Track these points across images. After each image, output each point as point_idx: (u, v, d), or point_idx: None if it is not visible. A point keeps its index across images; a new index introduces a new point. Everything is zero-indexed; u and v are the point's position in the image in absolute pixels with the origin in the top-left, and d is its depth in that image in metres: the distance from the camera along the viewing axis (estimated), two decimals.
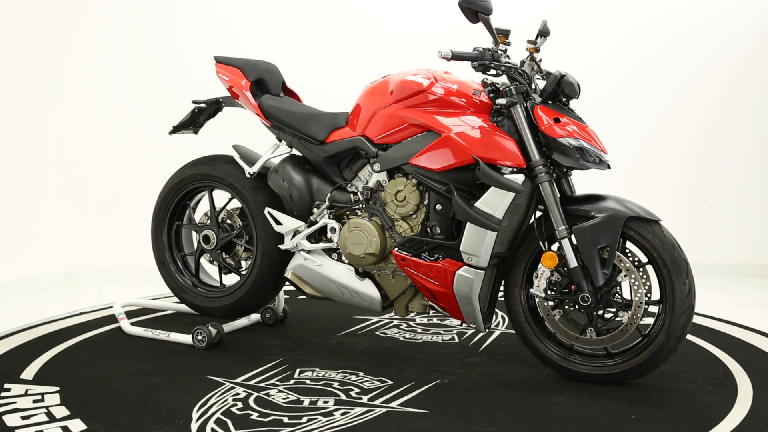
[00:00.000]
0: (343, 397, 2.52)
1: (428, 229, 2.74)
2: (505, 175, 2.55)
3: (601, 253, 2.54)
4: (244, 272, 3.27)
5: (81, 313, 3.63)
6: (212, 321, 3.18)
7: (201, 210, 3.42)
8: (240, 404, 2.45)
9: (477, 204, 2.58)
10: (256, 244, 3.12)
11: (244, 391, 2.57)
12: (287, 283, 3.11)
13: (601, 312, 2.60)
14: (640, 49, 4.71)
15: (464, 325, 3.43)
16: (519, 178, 2.56)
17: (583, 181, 2.99)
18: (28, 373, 2.75)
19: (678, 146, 4.76)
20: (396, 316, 3.59)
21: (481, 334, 3.29)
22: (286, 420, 2.31)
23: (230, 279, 3.40)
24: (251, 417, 2.34)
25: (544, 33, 2.70)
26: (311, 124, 2.97)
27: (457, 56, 2.54)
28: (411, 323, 3.50)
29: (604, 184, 2.93)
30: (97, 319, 3.53)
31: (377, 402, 2.48)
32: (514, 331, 2.85)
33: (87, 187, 4.46)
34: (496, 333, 3.31)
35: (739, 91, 4.71)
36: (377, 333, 3.34)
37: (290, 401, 2.48)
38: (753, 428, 2.23)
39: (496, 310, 3.56)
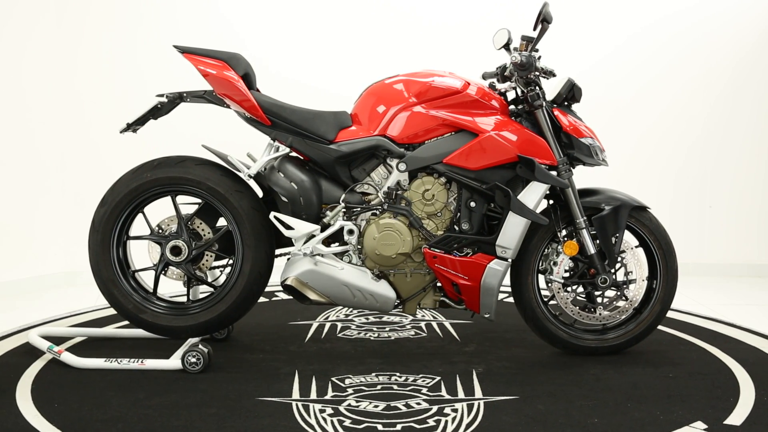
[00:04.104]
0: (424, 396, 2.52)
1: (456, 226, 2.83)
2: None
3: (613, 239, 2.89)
4: (217, 283, 3.00)
5: (81, 313, 3.56)
6: (188, 342, 2.90)
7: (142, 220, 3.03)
8: (347, 420, 2.32)
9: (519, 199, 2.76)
10: (243, 252, 2.89)
11: (324, 407, 2.42)
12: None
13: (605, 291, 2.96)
14: (640, 49, 4.70)
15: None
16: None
17: (581, 178, 3.20)
18: (39, 423, 2.24)
19: (678, 146, 4.75)
20: (331, 319, 3.57)
21: (436, 326, 3.44)
22: (416, 426, 2.27)
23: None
24: (378, 429, 2.25)
25: (546, 19, 2.76)
26: (318, 123, 2.85)
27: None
28: (355, 324, 3.48)
29: (605, 182, 3.18)
30: (96, 319, 3.49)
31: (459, 396, 2.53)
32: (478, 319, 3.06)
33: (87, 187, 4.15)
34: (447, 323, 3.48)
35: (739, 92, 4.71)
36: (340, 336, 3.29)
37: (385, 409, 2.41)
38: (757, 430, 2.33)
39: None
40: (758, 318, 3.65)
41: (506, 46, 2.98)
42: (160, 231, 2.95)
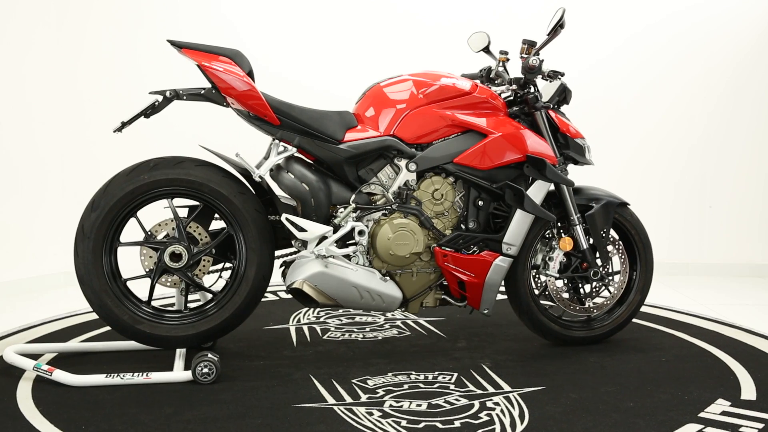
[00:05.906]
0: (458, 392, 2.56)
1: (462, 225, 2.89)
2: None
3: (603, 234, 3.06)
4: (215, 289, 2.88)
5: (81, 313, 3.57)
6: (179, 352, 2.81)
7: (132, 224, 2.85)
8: (403, 421, 2.31)
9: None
10: (246, 256, 2.79)
11: (369, 409, 2.40)
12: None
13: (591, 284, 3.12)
14: (641, 49, 4.71)
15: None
16: None
17: (581, 178, 3.34)
18: None
19: (678, 146, 4.77)
20: (303, 322, 3.53)
21: (414, 324, 3.47)
22: (473, 422, 2.30)
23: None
24: (438, 427, 2.26)
25: (562, 25, 2.84)
26: (326, 123, 2.80)
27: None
28: (332, 326, 3.45)
29: (606, 182, 3.27)
30: (96, 319, 3.40)
31: (489, 390, 2.59)
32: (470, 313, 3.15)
33: (87, 187, 3.68)
34: (423, 320, 3.53)
35: (739, 92, 4.73)
36: (326, 338, 3.25)
37: (429, 407, 2.42)
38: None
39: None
40: (758, 318, 3.69)
41: (486, 49, 3.08)
42: (153, 236, 2.79)
